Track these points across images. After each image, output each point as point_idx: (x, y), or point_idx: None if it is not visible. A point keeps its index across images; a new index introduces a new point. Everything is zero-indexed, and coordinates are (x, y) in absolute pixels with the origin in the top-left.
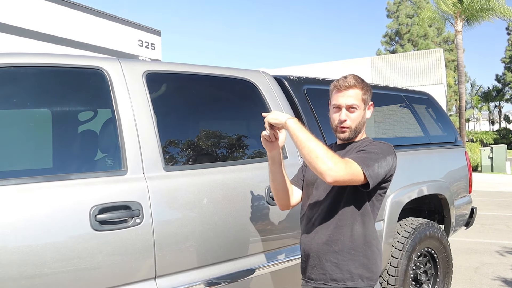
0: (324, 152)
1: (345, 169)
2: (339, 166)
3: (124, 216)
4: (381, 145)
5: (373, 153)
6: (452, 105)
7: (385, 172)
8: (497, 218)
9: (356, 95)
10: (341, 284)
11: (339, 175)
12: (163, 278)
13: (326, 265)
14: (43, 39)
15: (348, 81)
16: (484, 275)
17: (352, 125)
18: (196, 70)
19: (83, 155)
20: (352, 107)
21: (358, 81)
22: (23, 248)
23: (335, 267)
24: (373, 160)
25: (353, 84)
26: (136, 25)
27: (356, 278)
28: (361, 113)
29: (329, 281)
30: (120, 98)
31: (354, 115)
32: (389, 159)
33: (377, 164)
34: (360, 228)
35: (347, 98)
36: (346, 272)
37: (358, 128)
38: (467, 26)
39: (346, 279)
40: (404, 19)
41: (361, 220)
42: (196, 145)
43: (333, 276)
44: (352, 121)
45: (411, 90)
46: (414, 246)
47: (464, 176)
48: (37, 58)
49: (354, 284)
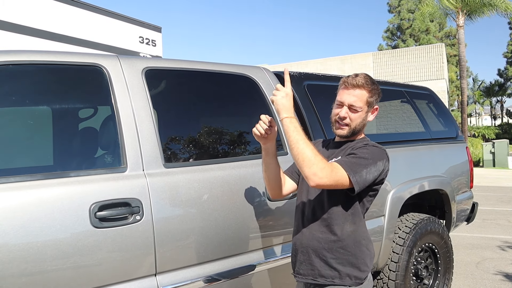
0: (312, 156)
1: (330, 176)
2: (324, 172)
3: (124, 213)
4: (373, 149)
5: (363, 158)
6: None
7: (374, 177)
8: (499, 213)
9: (362, 96)
10: (329, 281)
11: (322, 181)
12: (163, 275)
13: (315, 261)
14: (43, 36)
15: (357, 80)
16: (486, 270)
17: (351, 124)
18: (196, 66)
19: (84, 152)
20: (353, 107)
21: (368, 83)
22: (23, 246)
23: (324, 264)
24: (362, 165)
25: (361, 84)
26: (136, 22)
27: (344, 276)
28: (362, 115)
29: (317, 277)
30: (120, 95)
31: (354, 116)
32: (379, 164)
33: (366, 170)
34: (350, 227)
35: (351, 97)
36: (334, 270)
37: (357, 129)
38: (469, 20)
39: (334, 277)
40: (406, 14)
41: (352, 220)
42: (196, 142)
43: (321, 273)
44: (351, 120)
45: (412, 85)
46: (415, 242)
47: (465, 171)
48: (36, 56)
49: (342, 282)
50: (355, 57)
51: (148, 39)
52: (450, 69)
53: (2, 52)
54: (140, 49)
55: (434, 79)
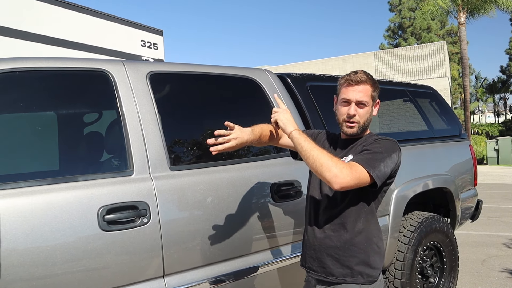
0: (329, 159)
1: (350, 174)
2: (344, 172)
3: (132, 216)
4: (385, 143)
5: (377, 152)
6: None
7: (391, 170)
8: (504, 211)
9: (366, 91)
10: (341, 279)
11: (345, 181)
12: (171, 276)
13: (327, 259)
14: (46, 42)
15: (360, 76)
16: (491, 267)
17: (360, 121)
18: (199, 69)
19: (89, 157)
20: (361, 102)
21: (369, 77)
22: (33, 250)
23: (336, 262)
24: (378, 160)
25: (364, 79)
26: (138, 26)
27: (355, 274)
28: (369, 109)
29: (329, 275)
30: (125, 100)
31: (363, 111)
32: (394, 156)
33: (383, 163)
34: (362, 225)
35: (357, 93)
36: (346, 268)
37: (366, 125)
38: (470, 18)
39: (346, 275)
40: (407, 12)
41: (365, 218)
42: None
43: (333, 271)
44: (360, 116)
45: (414, 84)
46: (420, 240)
47: (469, 169)
48: (41, 62)
49: (354, 280)
50: (356, 56)
51: (150, 43)
52: (452, 67)
53: (8, 59)
54: (142, 53)
55: (436, 77)
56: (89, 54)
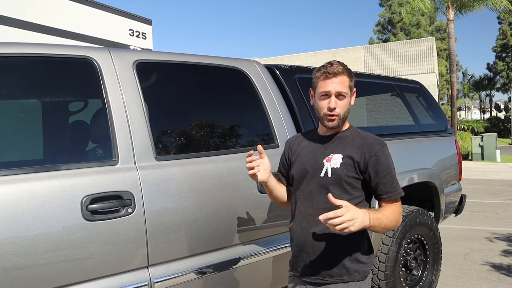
0: (392, 219)
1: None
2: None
3: (116, 206)
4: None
5: (392, 170)
6: (444, 94)
7: None
8: (487, 206)
9: (344, 81)
10: (338, 279)
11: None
12: (156, 267)
13: (322, 260)
14: (31, 28)
15: (337, 68)
16: (473, 261)
17: (341, 113)
18: (187, 59)
19: (74, 146)
20: (341, 94)
21: (345, 68)
22: (15, 239)
23: (331, 262)
24: (395, 177)
25: (341, 70)
26: (126, 14)
27: (352, 272)
28: (348, 100)
29: (326, 277)
30: (110, 88)
31: (343, 103)
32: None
33: (396, 177)
34: None
35: (336, 85)
36: (342, 267)
37: (345, 116)
38: (458, 14)
39: (343, 274)
40: (397, 7)
41: None
42: (188, 135)
43: (329, 272)
44: (341, 108)
45: (402, 79)
46: (405, 233)
47: (454, 164)
48: (25, 48)
49: (351, 278)
50: (346, 50)
51: (138, 32)
52: (440, 63)
53: None
54: (130, 42)
55: (425, 73)
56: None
